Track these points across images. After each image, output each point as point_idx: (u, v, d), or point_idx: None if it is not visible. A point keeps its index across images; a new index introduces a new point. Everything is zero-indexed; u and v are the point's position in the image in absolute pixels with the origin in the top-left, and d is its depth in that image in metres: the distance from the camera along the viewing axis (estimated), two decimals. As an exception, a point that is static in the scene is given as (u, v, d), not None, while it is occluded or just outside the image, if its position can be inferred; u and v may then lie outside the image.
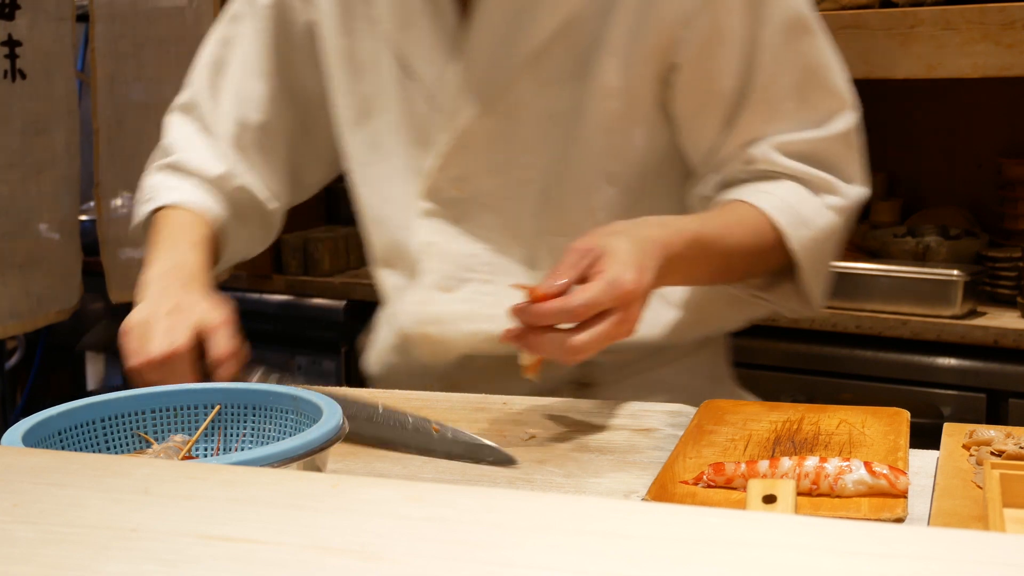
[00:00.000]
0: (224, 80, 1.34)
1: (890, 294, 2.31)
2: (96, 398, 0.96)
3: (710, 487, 0.90)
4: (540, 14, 1.17)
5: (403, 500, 0.59)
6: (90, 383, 3.92)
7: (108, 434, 0.96)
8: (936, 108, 2.65)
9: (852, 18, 2.28)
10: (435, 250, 1.26)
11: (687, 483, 0.91)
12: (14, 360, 3.48)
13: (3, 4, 2.00)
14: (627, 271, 1.01)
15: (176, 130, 1.35)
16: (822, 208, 1.19)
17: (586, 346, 1.00)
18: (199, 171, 1.30)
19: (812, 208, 1.19)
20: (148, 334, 1.05)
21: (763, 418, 1.06)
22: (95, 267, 2.89)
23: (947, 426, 1.00)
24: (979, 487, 0.87)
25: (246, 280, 2.99)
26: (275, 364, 3.16)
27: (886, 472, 0.87)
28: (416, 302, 1.28)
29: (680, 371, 1.30)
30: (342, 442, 0.87)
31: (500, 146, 1.22)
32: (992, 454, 0.93)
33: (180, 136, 1.34)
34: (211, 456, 0.99)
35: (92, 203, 3.12)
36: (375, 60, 1.26)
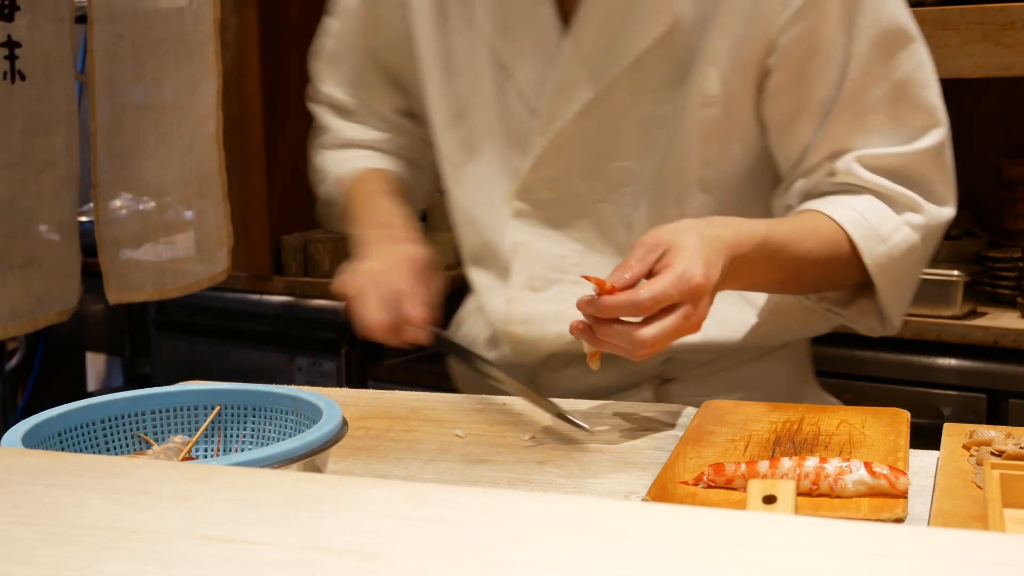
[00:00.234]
0: (337, 68, 1.46)
1: (890, 294, 2.30)
2: (96, 399, 0.96)
3: (710, 487, 0.90)
4: (642, 22, 1.18)
5: (403, 500, 0.59)
6: (90, 384, 3.93)
7: (108, 435, 0.96)
8: (936, 108, 2.65)
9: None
10: (525, 250, 1.28)
11: (687, 483, 0.91)
12: (15, 361, 3.48)
13: (2, 5, 2.00)
14: (695, 266, 1.01)
15: (323, 114, 1.47)
16: (901, 225, 1.17)
17: (653, 340, 0.99)
18: (362, 141, 1.42)
19: (891, 225, 1.17)
20: (363, 299, 1.14)
21: (763, 418, 1.06)
22: (95, 268, 2.89)
23: (947, 426, 1.00)
24: (979, 487, 0.87)
25: (246, 281, 2.99)
26: (275, 366, 3.14)
27: (886, 472, 0.87)
28: (505, 301, 1.29)
29: (761, 370, 1.29)
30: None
31: (595, 150, 1.24)
32: (992, 454, 0.93)
33: (329, 119, 1.46)
34: (211, 457, 0.99)
35: (91, 204, 3.13)
36: (472, 61, 1.28)
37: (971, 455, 0.94)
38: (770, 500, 0.81)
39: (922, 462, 0.97)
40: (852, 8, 1.15)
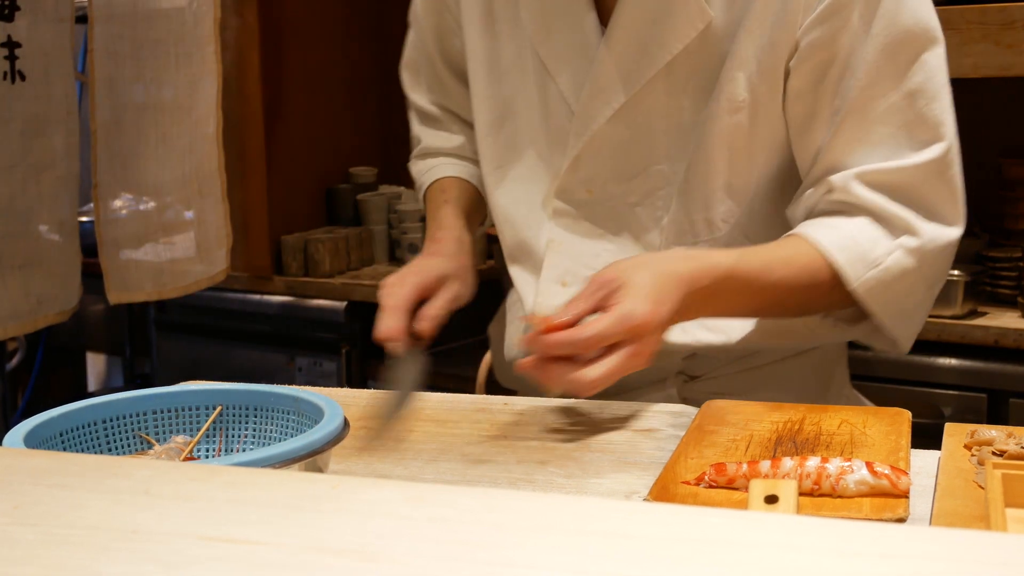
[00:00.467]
0: (417, 75, 1.51)
1: (890, 294, 2.30)
2: (97, 399, 0.96)
3: (712, 487, 0.90)
4: (675, 27, 1.19)
5: (404, 501, 0.59)
6: (91, 384, 3.93)
7: (109, 435, 0.96)
8: (936, 108, 2.65)
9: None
10: (559, 247, 1.30)
11: (689, 483, 0.91)
12: (15, 361, 3.48)
13: (2, 5, 2.00)
14: (640, 304, 1.02)
15: (413, 124, 1.54)
16: (895, 249, 1.15)
17: (596, 381, 1.01)
18: (441, 149, 1.49)
19: (883, 249, 1.15)
20: (391, 289, 1.22)
21: (764, 418, 1.06)
22: (96, 268, 2.89)
23: (948, 426, 1.00)
24: (980, 487, 0.87)
25: (246, 281, 2.99)
26: (275, 366, 3.14)
27: (888, 472, 0.87)
28: (535, 294, 1.31)
29: (789, 371, 1.29)
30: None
31: (629, 153, 1.25)
32: (994, 454, 0.93)
33: (417, 128, 1.53)
34: (212, 457, 0.99)
35: (91, 204, 3.13)
36: (518, 62, 1.30)
37: (972, 455, 0.94)
38: (772, 500, 0.81)
39: (923, 462, 0.97)
40: (870, 14, 1.14)
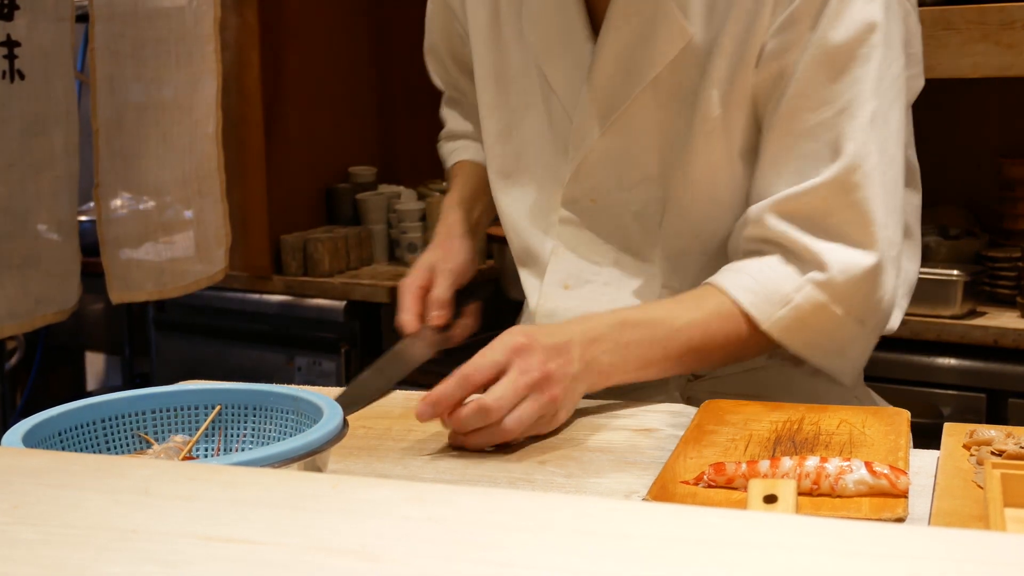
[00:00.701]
0: (434, 60, 1.55)
1: (890, 294, 2.30)
2: (96, 399, 0.96)
3: (711, 487, 0.90)
4: (658, 45, 1.20)
5: (403, 500, 0.59)
6: (90, 384, 3.93)
7: (108, 435, 0.96)
8: (936, 108, 2.65)
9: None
10: (564, 252, 1.32)
11: (688, 483, 0.91)
12: (14, 360, 3.48)
13: (2, 4, 2.00)
14: (533, 356, 1.05)
15: (442, 104, 1.60)
16: (804, 285, 1.14)
17: (515, 429, 1.04)
18: (463, 132, 1.55)
19: (791, 285, 1.14)
20: (401, 288, 1.33)
21: (763, 418, 1.06)
22: (95, 268, 2.89)
23: (947, 426, 1.00)
24: (980, 487, 0.87)
25: (246, 280, 2.99)
26: (274, 365, 3.14)
27: (887, 472, 0.87)
28: (538, 296, 1.33)
29: (794, 373, 1.28)
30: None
31: (624, 164, 1.26)
32: (993, 454, 0.93)
33: (444, 109, 1.60)
34: (211, 457, 0.99)
35: (92, 203, 3.13)
36: (524, 72, 1.32)
37: (971, 455, 0.94)
38: (771, 500, 0.81)
39: (922, 462, 0.97)
40: (814, 25, 1.12)
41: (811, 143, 1.14)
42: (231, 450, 0.99)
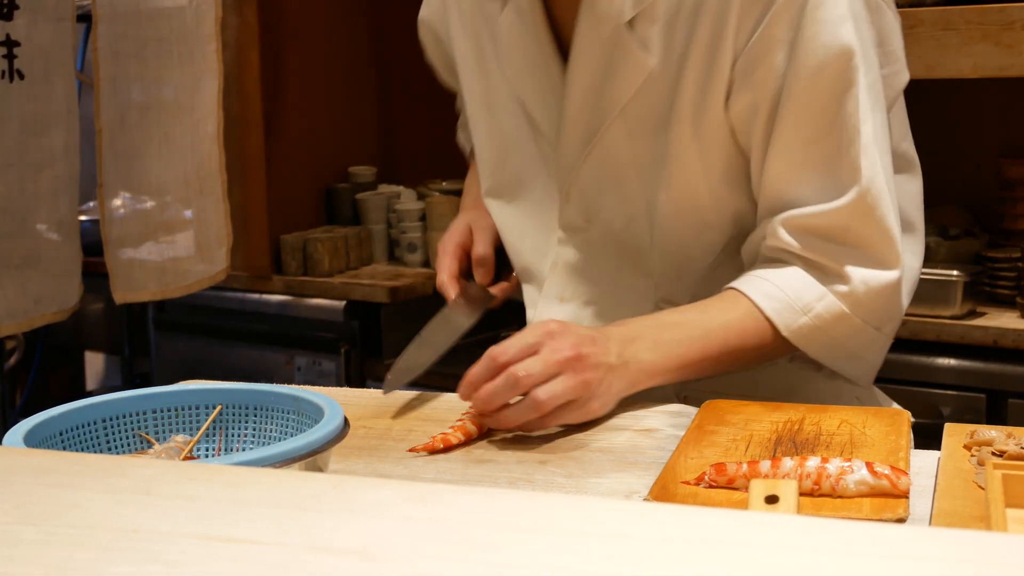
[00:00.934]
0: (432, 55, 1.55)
1: (890, 294, 2.30)
2: (97, 398, 0.96)
3: (712, 487, 0.90)
4: (622, 76, 1.20)
5: (404, 501, 0.59)
6: (89, 383, 3.93)
7: (109, 434, 0.96)
8: (936, 108, 2.65)
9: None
10: (562, 269, 1.33)
11: (689, 483, 0.91)
12: (13, 360, 3.48)
13: (1, 4, 2.00)
14: (567, 337, 1.06)
15: (458, 97, 1.58)
16: (825, 295, 1.16)
17: (547, 402, 1.04)
18: None
19: (813, 295, 1.16)
20: (441, 248, 1.37)
21: (764, 418, 1.06)
22: (95, 267, 2.88)
23: (948, 426, 1.00)
24: (980, 487, 0.87)
25: (246, 280, 2.99)
26: (274, 365, 3.14)
27: (888, 472, 0.87)
28: (536, 309, 1.35)
29: (794, 369, 1.28)
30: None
31: (609, 189, 1.27)
32: (993, 454, 0.93)
33: (459, 100, 1.56)
34: (212, 457, 0.99)
35: (92, 203, 3.12)
36: (509, 100, 1.33)
37: (972, 455, 0.94)
38: (772, 500, 0.81)
39: (923, 462, 0.97)
40: (790, 58, 1.12)
41: (820, 170, 1.15)
42: (232, 450, 0.99)
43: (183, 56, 2.33)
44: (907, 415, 1.05)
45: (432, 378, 1.24)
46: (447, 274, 1.31)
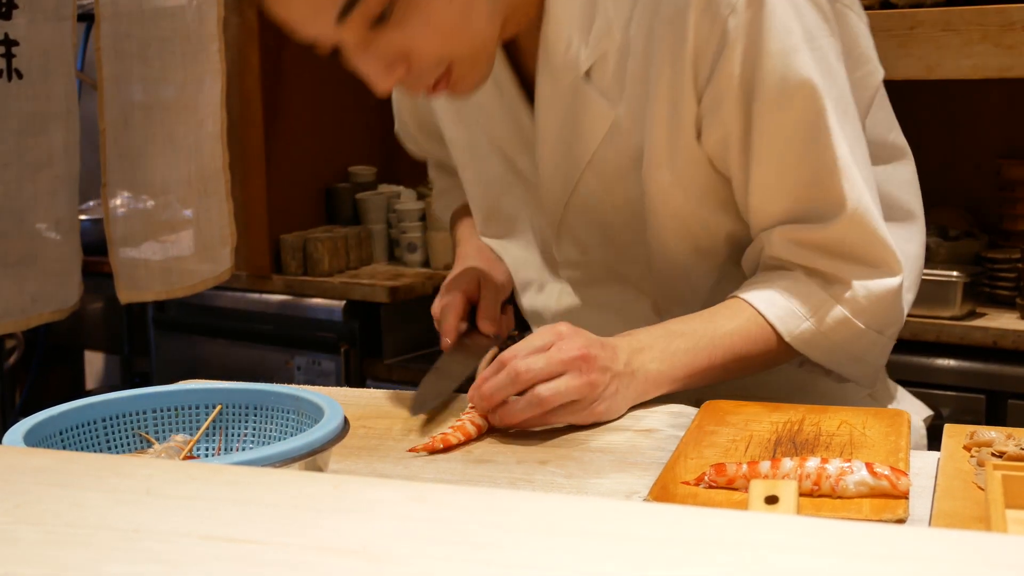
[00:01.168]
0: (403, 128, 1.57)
1: (890, 295, 2.30)
2: (97, 398, 0.96)
3: (712, 488, 0.90)
4: (587, 126, 1.21)
5: (405, 501, 0.59)
6: (89, 383, 3.93)
7: (109, 434, 0.96)
8: (936, 109, 2.66)
9: (852, 19, 2.27)
10: (566, 297, 1.35)
11: (689, 484, 0.91)
12: (13, 359, 3.48)
13: (0, 3, 2.00)
14: (575, 339, 1.07)
15: (429, 169, 1.60)
16: (827, 300, 1.16)
17: (550, 399, 1.05)
18: (455, 184, 1.50)
19: (815, 300, 1.16)
20: (442, 300, 1.33)
21: (764, 419, 1.06)
22: (95, 267, 2.88)
23: (947, 427, 1.00)
24: (980, 488, 0.87)
25: (246, 280, 2.99)
26: (274, 365, 3.14)
27: (887, 473, 0.87)
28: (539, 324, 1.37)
29: (807, 376, 1.28)
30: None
31: (597, 226, 1.28)
32: (993, 455, 0.93)
33: (432, 172, 1.60)
34: (212, 456, 0.99)
35: (92, 203, 3.12)
36: (492, 146, 1.33)
37: (972, 456, 0.94)
38: (772, 500, 0.81)
39: (922, 463, 0.97)
40: (751, 96, 1.12)
41: (803, 193, 1.15)
42: (232, 450, 0.99)
43: (186, 56, 2.34)
44: (907, 416, 1.05)
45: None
46: (450, 338, 1.29)
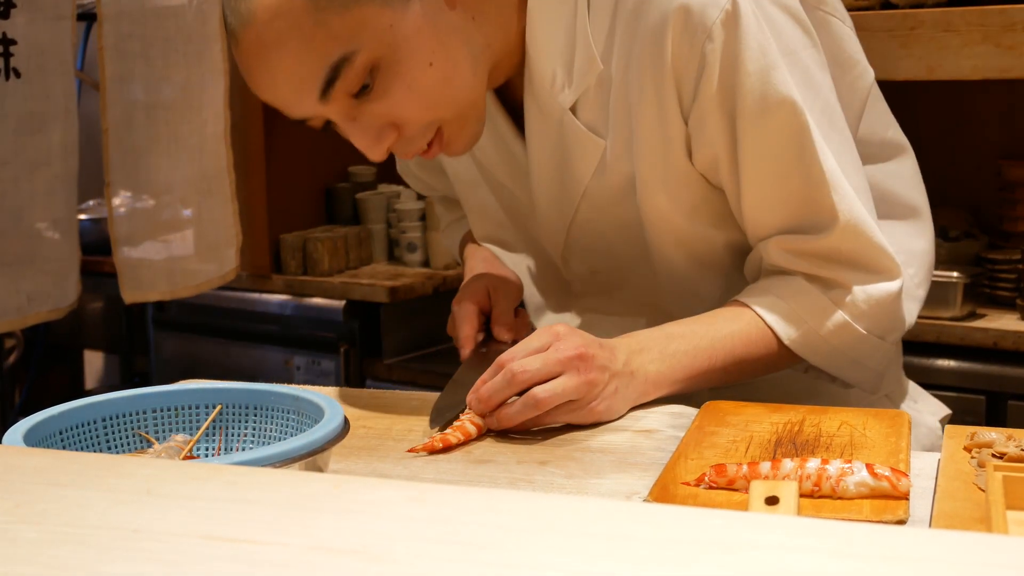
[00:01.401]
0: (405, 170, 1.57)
1: (890, 296, 2.30)
2: (97, 397, 0.96)
3: (712, 488, 0.90)
4: (578, 159, 1.21)
5: (405, 501, 0.59)
6: (88, 382, 3.93)
7: (109, 434, 0.96)
8: (936, 110, 2.66)
9: (853, 19, 2.27)
10: (578, 309, 1.36)
11: (689, 484, 0.91)
12: (12, 359, 3.48)
13: (-1, 3, 2.00)
14: (572, 339, 1.07)
15: (436, 205, 1.62)
16: (827, 305, 1.16)
17: (546, 400, 1.05)
18: (461, 215, 1.52)
19: (815, 305, 1.16)
20: (458, 309, 1.31)
21: (764, 420, 1.06)
22: (95, 266, 2.88)
23: (948, 428, 1.00)
24: (981, 489, 0.87)
25: (246, 280, 2.99)
26: (274, 365, 3.14)
27: (888, 474, 0.87)
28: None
29: (825, 378, 1.27)
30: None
31: (597, 251, 1.29)
32: (993, 456, 0.93)
33: (437, 207, 1.61)
34: (212, 456, 0.99)
35: (92, 202, 3.12)
36: (491, 176, 1.33)
37: (972, 457, 0.94)
38: (772, 501, 0.81)
39: (923, 464, 0.97)
40: (732, 112, 1.12)
41: (795, 204, 1.15)
42: (232, 450, 0.99)
43: (189, 55, 2.34)
44: (907, 417, 1.05)
45: (432, 378, 1.24)
46: (466, 349, 1.28)
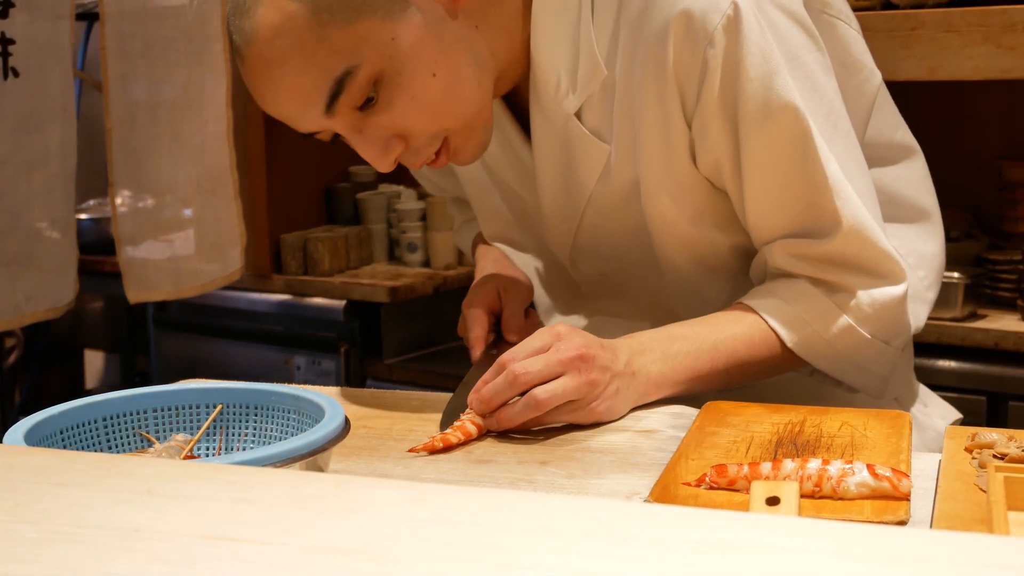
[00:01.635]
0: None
1: (890, 296, 2.31)
2: (98, 397, 0.96)
3: (712, 489, 0.90)
4: (583, 165, 1.21)
5: (406, 501, 0.59)
6: (89, 382, 3.93)
7: (110, 433, 0.96)
8: (937, 110, 2.66)
9: (853, 20, 2.28)
10: (589, 305, 1.37)
11: (690, 485, 0.91)
12: (13, 358, 3.48)
13: (-2, 3, 2.00)
14: (573, 339, 1.07)
15: (449, 205, 1.63)
16: (831, 309, 1.16)
17: (546, 401, 1.05)
18: (473, 216, 1.52)
19: (819, 309, 1.16)
20: (468, 311, 1.31)
21: (765, 420, 1.06)
22: (95, 266, 2.88)
23: (949, 429, 1.00)
24: (982, 490, 0.87)
25: (247, 280, 2.99)
26: (274, 365, 3.13)
27: (889, 475, 0.87)
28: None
29: (830, 382, 1.27)
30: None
31: (604, 255, 1.30)
32: (994, 457, 0.93)
33: (450, 207, 1.62)
34: (213, 456, 0.99)
35: (92, 202, 3.12)
36: (500, 180, 1.34)
37: (973, 458, 0.94)
38: (773, 502, 0.81)
39: (924, 465, 0.97)
40: (733, 118, 1.12)
41: (799, 209, 1.15)
42: (232, 449, 0.99)
43: (190, 55, 2.34)
44: (908, 417, 1.05)
45: (432, 378, 1.24)
46: (477, 350, 1.28)
